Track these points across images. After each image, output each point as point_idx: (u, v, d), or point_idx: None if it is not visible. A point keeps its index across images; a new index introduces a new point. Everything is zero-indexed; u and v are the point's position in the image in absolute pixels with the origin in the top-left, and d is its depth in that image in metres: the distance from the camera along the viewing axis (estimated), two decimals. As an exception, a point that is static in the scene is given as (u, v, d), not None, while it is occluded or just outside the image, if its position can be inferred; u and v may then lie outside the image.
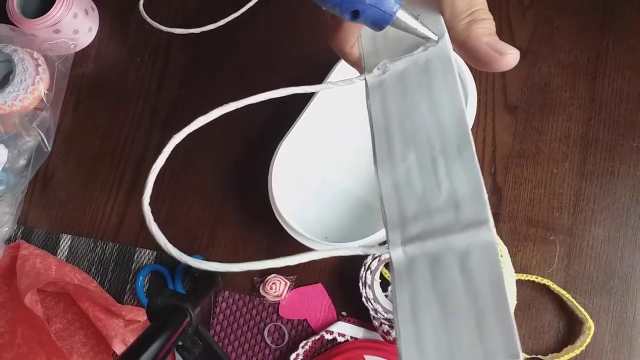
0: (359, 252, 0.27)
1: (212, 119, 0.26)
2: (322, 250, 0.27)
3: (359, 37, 0.31)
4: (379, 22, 0.27)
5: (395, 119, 0.28)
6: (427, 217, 0.26)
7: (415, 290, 0.25)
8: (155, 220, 0.24)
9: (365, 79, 0.30)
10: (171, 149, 0.26)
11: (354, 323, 0.57)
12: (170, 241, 0.24)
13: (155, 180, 0.25)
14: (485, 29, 0.27)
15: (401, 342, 0.24)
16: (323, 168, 0.60)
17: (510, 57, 0.26)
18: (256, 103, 0.27)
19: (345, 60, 0.32)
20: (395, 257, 0.26)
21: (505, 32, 0.62)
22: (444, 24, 0.28)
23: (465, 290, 0.23)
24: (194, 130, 0.26)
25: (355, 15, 0.26)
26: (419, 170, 0.27)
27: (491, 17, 0.27)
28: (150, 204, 0.24)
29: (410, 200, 0.27)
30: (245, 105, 0.27)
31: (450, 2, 0.28)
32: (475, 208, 0.24)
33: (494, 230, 0.23)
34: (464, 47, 0.27)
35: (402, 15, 0.27)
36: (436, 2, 0.28)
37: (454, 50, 0.28)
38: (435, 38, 0.28)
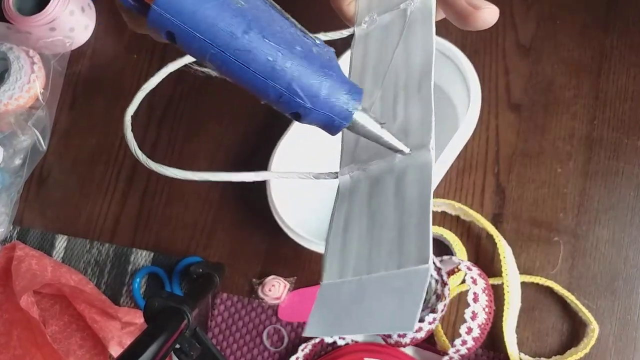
0: (311, 177, 0.29)
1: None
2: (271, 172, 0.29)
3: None
4: (330, 124, 0.25)
5: (371, 64, 0.30)
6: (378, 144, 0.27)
7: (351, 207, 0.27)
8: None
9: (354, 31, 0.32)
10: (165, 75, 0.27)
11: (354, 325, 0.56)
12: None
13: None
14: None
15: (328, 249, 0.26)
16: (323, 167, 0.59)
17: (485, 12, 0.26)
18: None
19: (341, 16, 0.34)
20: (342, 182, 0.28)
21: (508, 29, 0.61)
22: None
23: (395, 205, 0.24)
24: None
25: (297, 117, 0.25)
26: (380, 105, 0.28)
27: None
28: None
29: None
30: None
31: None
32: (421, 133, 0.25)
33: (432, 152, 0.24)
34: (444, 0, 0.28)
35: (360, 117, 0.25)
36: None
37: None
38: (407, 150, 0.26)
